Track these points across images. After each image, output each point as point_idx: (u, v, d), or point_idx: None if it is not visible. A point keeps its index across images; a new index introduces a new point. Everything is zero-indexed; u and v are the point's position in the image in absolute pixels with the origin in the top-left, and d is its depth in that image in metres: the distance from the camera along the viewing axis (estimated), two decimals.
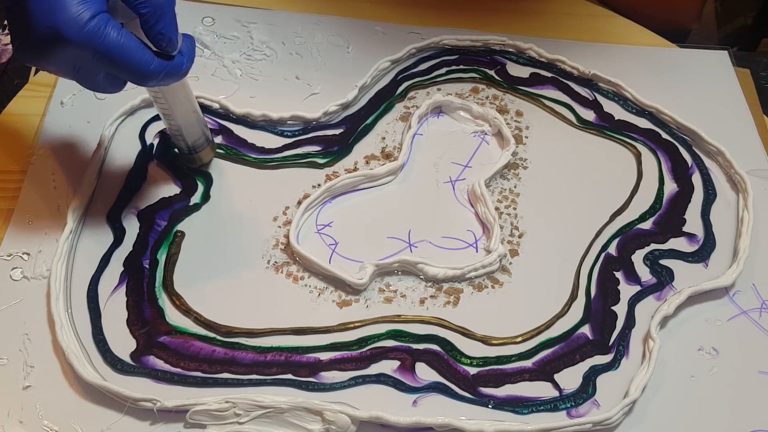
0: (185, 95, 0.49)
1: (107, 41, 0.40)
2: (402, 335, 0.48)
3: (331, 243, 0.52)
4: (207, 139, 0.54)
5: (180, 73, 0.43)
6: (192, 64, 0.44)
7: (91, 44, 0.39)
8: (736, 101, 0.63)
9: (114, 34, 0.40)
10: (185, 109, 0.50)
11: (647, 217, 0.55)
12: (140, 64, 0.41)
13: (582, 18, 0.69)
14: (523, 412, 0.45)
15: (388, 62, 0.62)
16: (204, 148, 0.54)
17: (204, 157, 0.54)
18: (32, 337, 0.46)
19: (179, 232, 0.52)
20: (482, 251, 0.52)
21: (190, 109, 0.51)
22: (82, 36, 0.39)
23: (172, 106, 0.49)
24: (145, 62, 0.41)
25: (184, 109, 0.50)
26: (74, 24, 0.39)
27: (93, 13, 0.39)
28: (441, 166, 0.57)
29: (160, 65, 0.42)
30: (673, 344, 0.49)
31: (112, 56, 0.40)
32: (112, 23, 0.40)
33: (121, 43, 0.40)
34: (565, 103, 0.62)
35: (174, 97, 0.49)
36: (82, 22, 0.39)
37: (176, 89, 0.48)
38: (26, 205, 0.52)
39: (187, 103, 0.50)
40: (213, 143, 0.55)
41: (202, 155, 0.54)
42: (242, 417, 0.43)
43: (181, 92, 0.49)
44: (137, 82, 0.42)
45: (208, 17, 0.65)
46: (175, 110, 0.50)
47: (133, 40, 0.41)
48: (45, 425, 0.43)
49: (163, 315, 0.48)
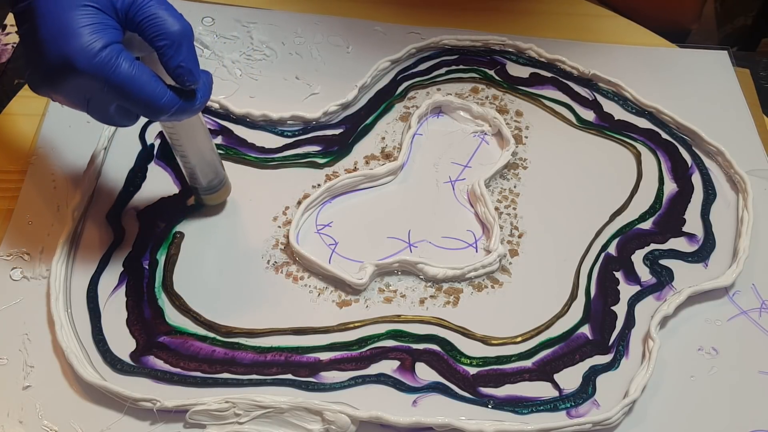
0: (200, 133, 0.48)
1: (118, 72, 0.39)
2: (402, 335, 0.48)
3: (331, 243, 0.52)
4: (221, 181, 0.52)
5: (193, 108, 0.42)
6: (207, 100, 0.43)
7: (101, 74, 0.38)
8: (735, 101, 0.63)
9: (126, 65, 0.39)
10: (200, 147, 0.49)
11: (647, 217, 0.55)
12: (152, 97, 0.40)
13: (582, 18, 0.69)
14: (522, 412, 0.45)
15: (387, 62, 0.62)
16: (218, 190, 0.52)
17: (217, 198, 0.52)
18: (32, 337, 0.46)
19: (178, 233, 0.52)
20: (482, 251, 0.52)
21: (206, 148, 0.49)
22: (93, 66, 0.38)
23: (186, 143, 0.48)
24: (156, 95, 0.40)
25: (199, 147, 0.49)
26: (85, 53, 0.38)
27: (105, 43, 0.38)
28: (441, 166, 0.57)
29: (172, 99, 0.40)
30: (672, 344, 0.49)
31: (123, 88, 0.39)
32: (124, 55, 0.39)
33: (132, 74, 0.39)
34: (564, 103, 0.62)
35: (188, 134, 0.47)
36: (93, 52, 0.38)
37: (191, 126, 0.47)
38: (26, 205, 0.52)
39: (203, 141, 0.49)
40: (228, 184, 0.53)
41: (215, 196, 0.52)
42: (242, 417, 0.43)
43: (195, 129, 0.47)
44: (149, 115, 0.41)
45: (208, 17, 0.65)
46: (189, 148, 0.48)
47: (145, 73, 0.40)
48: (45, 425, 0.43)
49: (162, 315, 0.48)
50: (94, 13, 0.39)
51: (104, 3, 0.39)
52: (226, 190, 0.53)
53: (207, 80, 0.43)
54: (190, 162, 0.49)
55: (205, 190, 0.51)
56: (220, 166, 0.51)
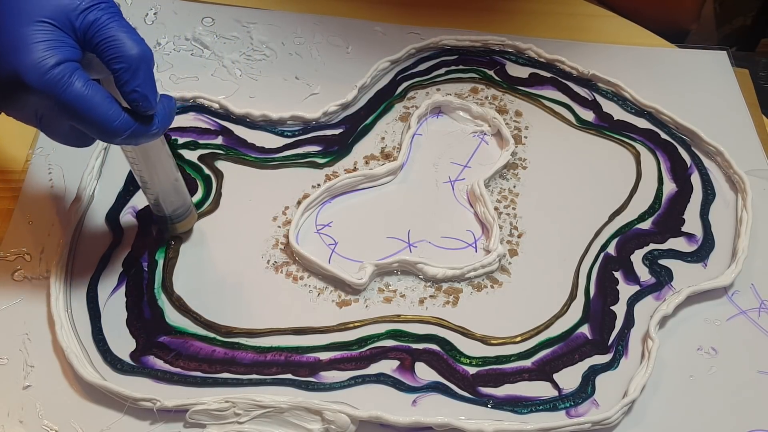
0: (163, 159, 0.46)
1: (70, 91, 0.37)
2: (401, 335, 0.48)
3: (331, 243, 0.52)
4: (187, 210, 0.50)
5: (148, 134, 0.40)
6: (165, 127, 0.41)
7: (52, 92, 0.37)
8: (735, 101, 0.63)
9: (78, 84, 0.37)
10: (162, 175, 0.47)
11: (646, 217, 0.55)
12: (104, 118, 0.38)
13: (582, 18, 0.69)
14: (522, 412, 0.45)
15: (387, 62, 0.62)
16: (182, 220, 0.50)
17: (180, 227, 0.51)
18: (32, 337, 0.46)
19: None
20: (481, 251, 0.52)
21: (169, 175, 0.47)
22: (43, 83, 0.37)
23: (146, 169, 0.46)
24: (109, 118, 0.38)
25: (162, 175, 0.47)
26: (36, 69, 0.37)
27: (59, 60, 0.37)
28: (440, 166, 0.57)
29: (126, 123, 0.39)
30: (672, 344, 0.49)
31: (74, 107, 0.38)
32: (79, 74, 0.38)
33: (85, 94, 0.37)
34: (564, 104, 0.62)
35: (149, 159, 0.45)
36: (45, 68, 0.37)
37: (152, 151, 0.45)
38: (26, 205, 0.52)
39: (165, 168, 0.46)
40: (194, 213, 0.51)
41: (178, 226, 0.50)
42: (242, 417, 0.43)
43: (157, 156, 0.45)
44: (101, 138, 0.40)
45: (208, 17, 0.65)
46: (151, 174, 0.46)
47: (99, 94, 0.38)
48: (45, 425, 0.43)
49: (162, 315, 0.48)
50: (51, 30, 0.38)
51: (63, 21, 0.38)
52: (191, 219, 0.51)
53: (167, 106, 0.41)
54: (152, 189, 0.47)
55: (170, 219, 0.50)
56: (186, 195, 0.50)
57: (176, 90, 0.59)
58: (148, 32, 0.63)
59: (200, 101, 0.58)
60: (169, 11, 0.65)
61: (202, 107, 0.58)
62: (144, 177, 0.47)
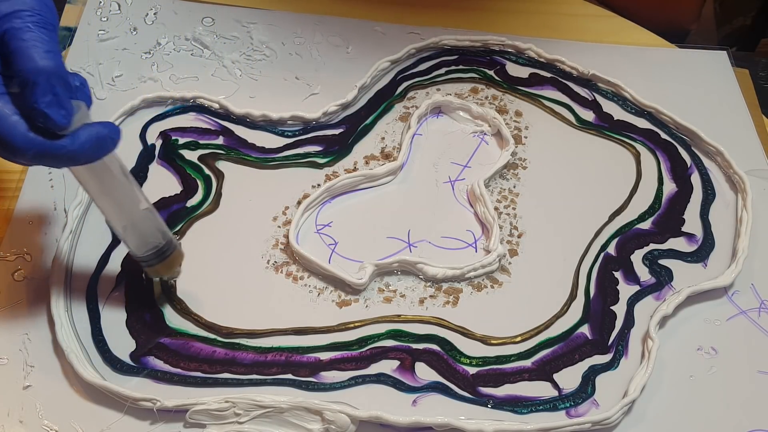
0: (117, 189, 0.41)
1: None
2: (401, 335, 0.48)
3: (331, 243, 0.52)
4: (161, 252, 0.44)
5: (59, 155, 0.37)
6: (84, 152, 0.38)
7: None
8: (735, 101, 0.63)
9: None
10: (117, 207, 0.42)
11: (646, 217, 0.55)
12: (4, 134, 0.36)
13: (582, 18, 0.69)
14: (522, 412, 0.45)
15: (387, 62, 0.62)
16: (161, 261, 0.44)
17: (159, 271, 0.45)
18: (32, 337, 0.46)
19: (175, 234, 0.51)
20: (481, 251, 0.52)
21: (129, 208, 0.42)
22: None
23: (100, 200, 0.42)
24: (10, 133, 0.35)
25: (116, 207, 0.42)
26: None
27: None
28: (440, 166, 0.57)
29: (29, 141, 0.36)
30: (672, 344, 0.49)
31: None
32: None
33: None
34: (564, 104, 0.62)
35: (97, 187, 0.41)
36: None
37: (100, 177, 0.40)
38: (26, 205, 0.52)
39: (122, 199, 0.42)
40: (176, 255, 0.45)
41: (156, 269, 0.45)
42: (242, 417, 0.43)
43: (109, 183, 0.41)
44: (3, 154, 0.37)
45: (208, 17, 0.65)
46: (105, 207, 0.42)
47: (5, 108, 0.36)
48: (45, 425, 0.43)
49: (162, 317, 0.48)
50: None
51: None
52: (171, 262, 0.46)
53: (95, 131, 0.38)
54: (110, 223, 0.43)
55: (142, 261, 0.45)
56: (158, 234, 0.44)
57: (176, 90, 0.59)
58: (148, 32, 0.63)
59: (200, 101, 0.58)
60: (169, 11, 0.65)
61: (202, 107, 0.58)
62: (101, 209, 0.43)
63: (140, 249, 0.44)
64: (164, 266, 0.45)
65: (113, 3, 0.65)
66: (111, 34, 0.62)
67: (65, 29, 0.62)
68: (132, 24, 0.64)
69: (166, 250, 0.45)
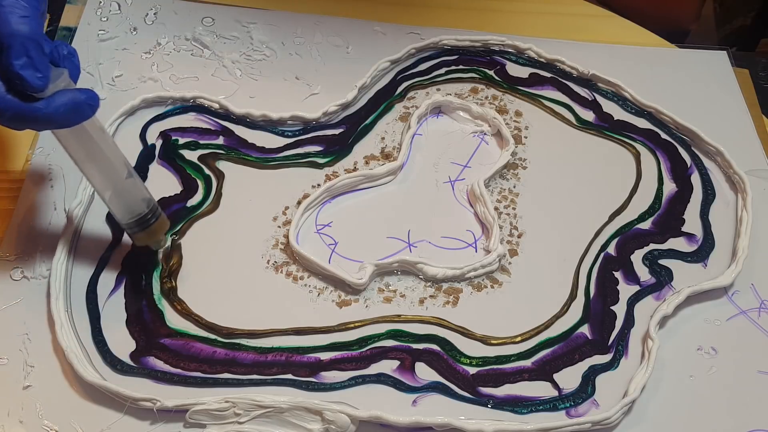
0: (98, 154, 0.42)
1: None
2: (402, 335, 0.48)
3: (331, 243, 0.52)
4: (144, 219, 0.45)
5: (34, 117, 0.38)
6: (58, 114, 0.39)
7: None
8: (735, 101, 0.63)
9: None
10: (99, 172, 0.43)
11: (646, 217, 0.55)
12: None
13: (582, 18, 0.69)
14: (522, 412, 0.45)
15: (387, 62, 0.62)
16: (137, 233, 0.46)
17: (144, 239, 0.46)
18: (32, 337, 0.46)
19: (174, 234, 0.51)
20: (481, 251, 0.52)
21: (111, 174, 0.43)
22: None
23: (78, 162, 0.43)
24: None
25: (99, 172, 0.43)
26: None
27: None
28: (440, 166, 0.57)
29: (6, 102, 0.37)
30: (672, 344, 0.49)
31: None
32: None
33: None
34: (564, 104, 0.62)
35: (79, 150, 0.42)
36: None
37: (72, 138, 0.42)
38: (26, 205, 0.52)
39: (104, 164, 0.43)
40: (160, 223, 0.46)
41: (141, 236, 0.46)
42: (242, 417, 0.43)
43: (88, 147, 0.42)
44: None
45: (208, 17, 0.65)
46: (85, 169, 0.43)
47: None
48: (45, 425, 0.43)
49: (162, 318, 0.48)
50: None
51: None
52: (155, 231, 0.47)
53: (71, 96, 0.39)
54: (96, 189, 0.45)
55: (127, 228, 0.46)
56: (142, 203, 0.45)
57: (176, 90, 0.59)
58: (148, 32, 0.63)
59: (200, 101, 0.58)
60: (169, 11, 0.65)
61: (202, 107, 0.58)
62: (86, 175, 0.44)
63: (124, 217, 0.46)
64: (148, 234, 0.47)
65: (113, 3, 0.65)
66: (111, 34, 0.62)
67: (65, 29, 0.62)
68: (132, 24, 0.64)
69: (150, 218, 0.46)
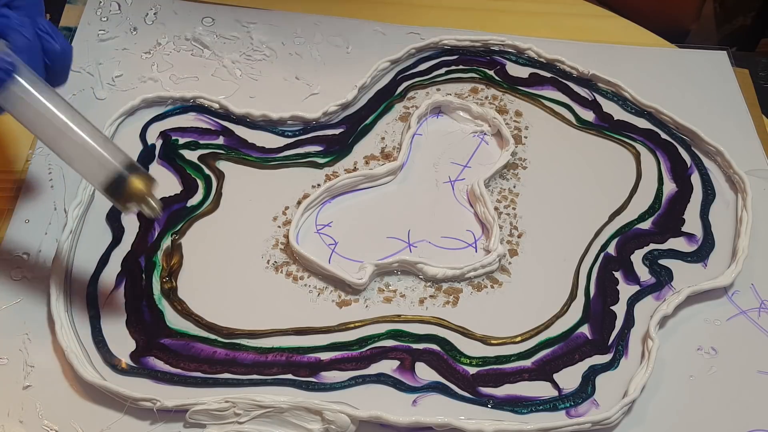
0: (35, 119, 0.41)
1: None
2: (402, 335, 0.48)
3: (331, 243, 0.52)
4: (115, 180, 0.41)
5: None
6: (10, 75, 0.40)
7: None
8: (735, 101, 0.63)
9: None
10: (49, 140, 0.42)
11: (646, 217, 0.55)
12: None
13: (582, 18, 0.69)
14: (522, 412, 0.45)
15: (387, 62, 0.62)
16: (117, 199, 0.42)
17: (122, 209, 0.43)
18: (32, 337, 0.46)
19: (174, 234, 0.51)
20: (481, 251, 0.52)
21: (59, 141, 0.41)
22: None
23: (28, 127, 0.42)
24: None
25: (47, 139, 0.42)
26: None
27: None
28: (440, 166, 0.57)
29: None
30: (672, 344, 0.49)
31: None
32: None
33: None
34: (564, 104, 0.62)
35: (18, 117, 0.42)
36: None
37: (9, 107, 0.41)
38: (26, 205, 0.52)
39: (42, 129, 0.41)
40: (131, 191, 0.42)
41: (118, 206, 0.43)
42: (242, 417, 0.43)
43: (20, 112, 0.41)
44: None
45: (208, 17, 0.65)
46: (37, 134, 0.42)
47: None
48: (45, 425, 0.43)
49: (162, 318, 0.48)
50: None
51: None
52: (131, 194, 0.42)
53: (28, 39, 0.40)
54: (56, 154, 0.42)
55: (105, 191, 0.42)
56: (101, 170, 0.41)
57: (176, 90, 0.59)
58: (148, 32, 0.63)
59: (200, 101, 0.58)
60: (169, 11, 0.65)
61: (202, 107, 0.58)
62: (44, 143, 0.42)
63: (94, 182, 0.42)
64: (123, 200, 0.42)
65: (113, 3, 0.65)
66: (111, 34, 0.62)
67: (65, 29, 0.62)
68: (132, 24, 0.64)
69: (117, 181, 0.42)
